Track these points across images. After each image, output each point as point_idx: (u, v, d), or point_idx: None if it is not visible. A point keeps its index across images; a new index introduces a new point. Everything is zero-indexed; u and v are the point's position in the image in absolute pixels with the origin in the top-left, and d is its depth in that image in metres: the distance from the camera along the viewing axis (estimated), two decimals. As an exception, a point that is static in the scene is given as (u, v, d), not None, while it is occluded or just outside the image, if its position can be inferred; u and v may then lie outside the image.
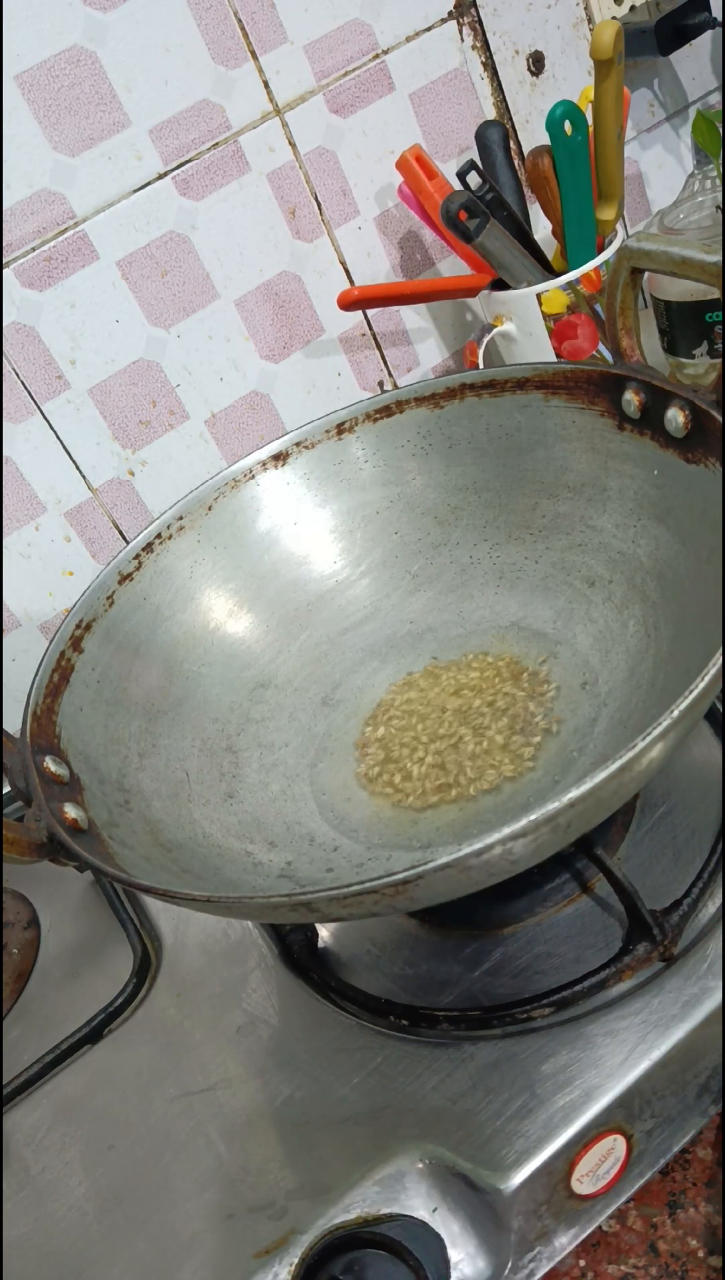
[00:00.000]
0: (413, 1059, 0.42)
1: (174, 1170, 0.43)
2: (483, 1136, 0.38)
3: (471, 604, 0.57)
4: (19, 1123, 0.49)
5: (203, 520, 0.57)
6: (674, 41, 0.78)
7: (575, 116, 0.64)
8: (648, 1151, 0.40)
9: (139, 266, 0.68)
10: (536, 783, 0.47)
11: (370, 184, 0.74)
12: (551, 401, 0.53)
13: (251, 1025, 0.47)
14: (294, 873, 0.47)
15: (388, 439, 0.59)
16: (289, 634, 0.58)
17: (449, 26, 0.73)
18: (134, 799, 0.47)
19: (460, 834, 0.47)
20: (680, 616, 0.46)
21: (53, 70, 0.62)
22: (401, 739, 0.52)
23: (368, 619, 0.59)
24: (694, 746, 0.50)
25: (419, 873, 0.32)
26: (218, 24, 0.66)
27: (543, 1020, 0.42)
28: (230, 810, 0.50)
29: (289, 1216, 0.38)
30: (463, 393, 0.56)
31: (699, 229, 0.71)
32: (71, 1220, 0.43)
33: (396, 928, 0.48)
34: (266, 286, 0.73)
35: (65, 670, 0.49)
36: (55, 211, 0.65)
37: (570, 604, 0.53)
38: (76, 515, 0.72)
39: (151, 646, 0.54)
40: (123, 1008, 0.51)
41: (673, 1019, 0.39)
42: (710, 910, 0.43)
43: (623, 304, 0.50)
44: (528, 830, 0.32)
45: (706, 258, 0.44)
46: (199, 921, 0.54)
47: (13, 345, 0.66)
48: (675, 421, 0.46)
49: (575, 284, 0.68)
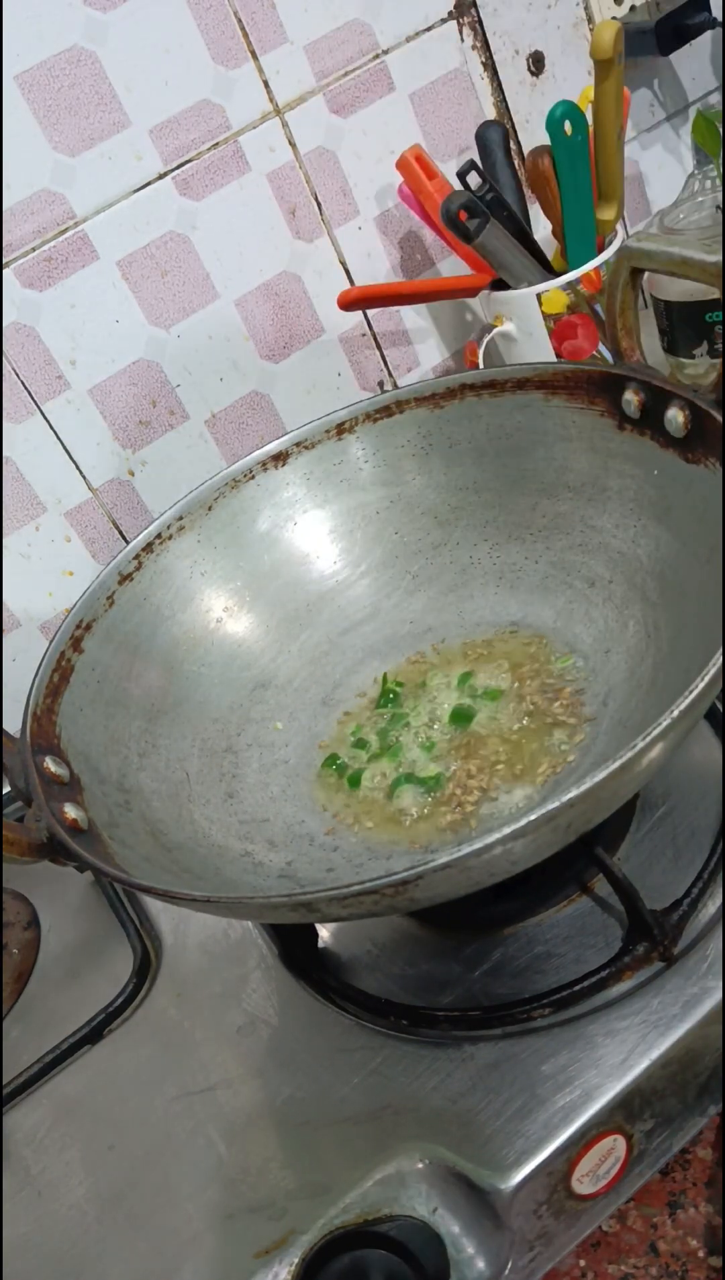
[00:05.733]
0: (413, 1059, 0.42)
1: (174, 1170, 0.43)
2: (483, 1136, 0.38)
3: (471, 604, 0.57)
4: (19, 1123, 0.49)
5: (203, 520, 0.57)
6: (674, 41, 0.78)
7: (575, 116, 0.64)
8: (648, 1151, 0.40)
9: (139, 266, 0.68)
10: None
11: (370, 184, 0.74)
12: (551, 401, 0.53)
13: (251, 1025, 0.47)
14: (294, 873, 0.47)
15: (388, 439, 0.59)
16: (289, 634, 0.58)
17: (449, 26, 0.73)
18: (134, 799, 0.47)
19: (460, 834, 0.47)
20: (680, 616, 0.46)
21: (53, 70, 0.62)
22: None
23: (368, 619, 0.59)
24: (694, 746, 0.50)
25: (419, 873, 0.32)
26: (218, 24, 0.66)
27: (543, 1020, 0.42)
28: (230, 810, 0.50)
29: (289, 1216, 0.39)
30: (463, 393, 0.56)
31: (699, 229, 0.71)
32: (71, 1220, 0.43)
33: (396, 928, 0.48)
34: (266, 286, 0.73)
35: (65, 670, 0.49)
36: (55, 211, 0.65)
37: (570, 604, 0.53)
38: (76, 515, 0.72)
39: (151, 646, 0.54)
40: (123, 1008, 0.51)
41: (673, 1019, 0.39)
42: (710, 910, 0.43)
43: (623, 304, 0.50)
44: (528, 830, 0.32)
45: (706, 258, 0.44)
46: (199, 921, 0.54)
47: (13, 345, 0.66)
48: (675, 421, 0.46)
49: (575, 284, 0.68)
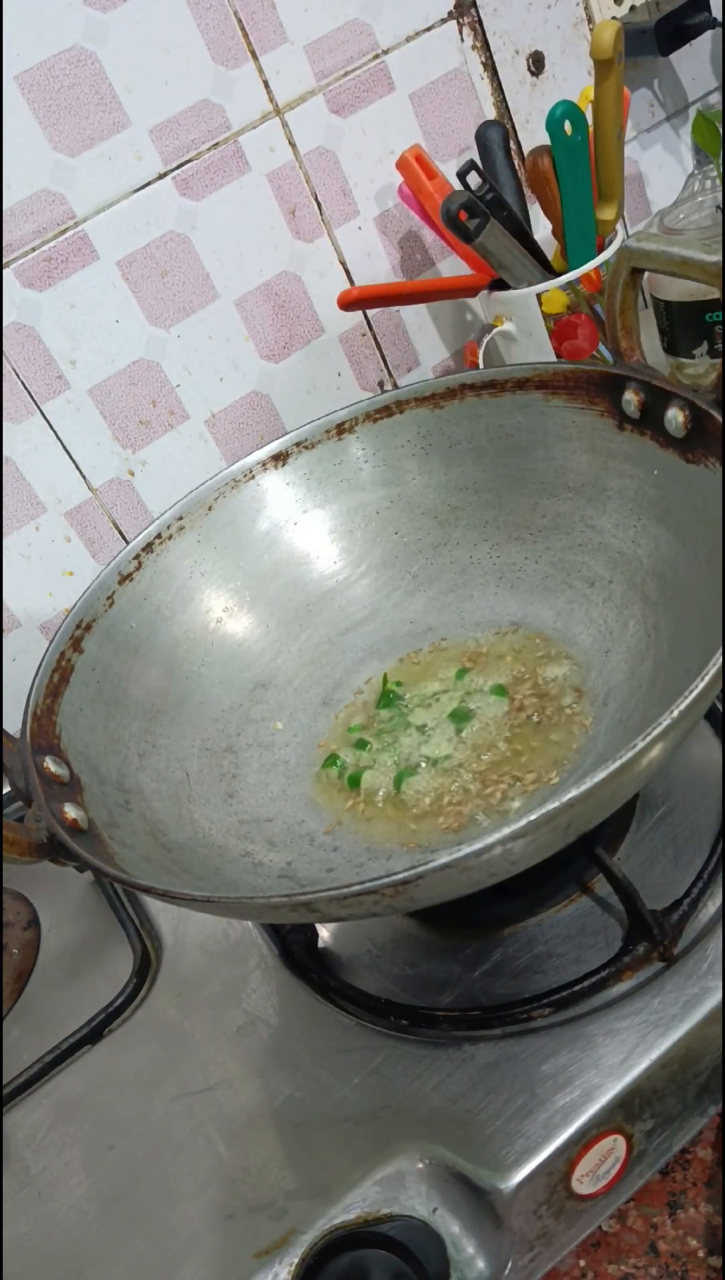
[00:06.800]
0: (413, 1059, 0.42)
1: (174, 1170, 0.43)
2: (483, 1136, 0.38)
3: (471, 604, 0.57)
4: (19, 1123, 0.49)
5: (203, 520, 0.57)
6: (674, 41, 0.78)
7: (575, 116, 0.64)
8: (648, 1151, 0.40)
9: (139, 266, 0.68)
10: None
11: (370, 184, 0.74)
12: (551, 401, 0.53)
13: (251, 1025, 0.47)
14: (294, 873, 0.47)
15: (388, 439, 0.59)
16: (289, 634, 0.58)
17: (449, 26, 0.73)
18: (134, 799, 0.47)
19: (460, 834, 0.47)
20: (680, 616, 0.46)
21: (53, 70, 0.62)
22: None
23: (368, 619, 0.59)
24: (694, 746, 0.50)
25: (419, 873, 0.32)
26: (218, 24, 0.66)
27: (543, 1020, 0.42)
28: (230, 810, 0.50)
29: (289, 1216, 0.39)
30: (463, 393, 0.56)
31: (699, 229, 0.71)
32: (71, 1220, 0.43)
33: (396, 928, 0.48)
34: (266, 286, 0.73)
35: (65, 670, 0.49)
36: (55, 211, 0.65)
37: (570, 604, 0.53)
38: (76, 515, 0.72)
39: (151, 646, 0.54)
40: (123, 1008, 0.51)
41: (673, 1019, 0.39)
42: (710, 910, 0.43)
43: (623, 304, 0.50)
44: (528, 830, 0.32)
45: (706, 258, 0.44)
46: (199, 921, 0.54)
47: (13, 345, 0.66)
48: (675, 421, 0.46)
49: (575, 284, 0.68)
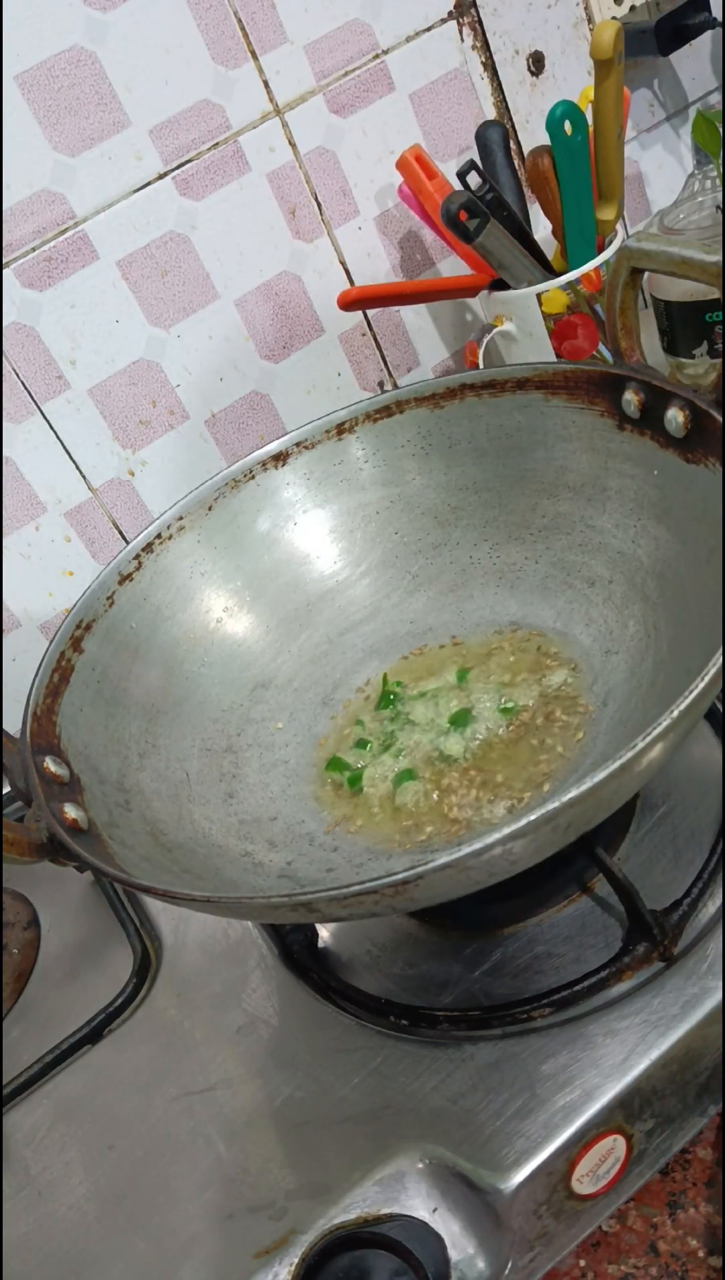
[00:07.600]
0: (413, 1059, 0.42)
1: (174, 1170, 0.43)
2: (483, 1136, 0.38)
3: (471, 604, 0.57)
4: (19, 1123, 0.49)
5: (203, 520, 0.57)
6: (674, 41, 0.78)
7: (575, 116, 0.64)
8: (648, 1151, 0.40)
9: (139, 266, 0.68)
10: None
11: (370, 184, 0.74)
12: (551, 401, 0.53)
13: (251, 1025, 0.47)
14: (294, 873, 0.47)
15: (388, 439, 0.59)
16: (289, 634, 0.58)
17: (449, 26, 0.73)
18: (134, 799, 0.47)
19: (460, 834, 0.47)
20: (680, 616, 0.46)
21: (53, 70, 0.62)
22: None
23: (368, 619, 0.59)
24: (694, 746, 0.50)
25: (419, 873, 0.32)
26: (218, 24, 0.66)
27: (543, 1020, 0.42)
28: (230, 810, 0.50)
29: (289, 1216, 0.39)
30: (463, 393, 0.56)
31: (699, 229, 0.71)
32: (71, 1220, 0.43)
33: (396, 928, 0.48)
34: (266, 286, 0.73)
35: (65, 670, 0.49)
36: (55, 211, 0.65)
37: (570, 604, 0.53)
38: (76, 515, 0.72)
39: (151, 646, 0.54)
40: (123, 1008, 0.51)
41: (673, 1019, 0.39)
42: (710, 910, 0.43)
43: (623, 304, 0.50)
44: (527, 830, 0.32)
45: (706, 258, 0.44)
46: (199, 921, 0.54)
47: (13, 345, 0.66)
48: (675, 421, 0.46)
49: (575, 284, 0.68)
